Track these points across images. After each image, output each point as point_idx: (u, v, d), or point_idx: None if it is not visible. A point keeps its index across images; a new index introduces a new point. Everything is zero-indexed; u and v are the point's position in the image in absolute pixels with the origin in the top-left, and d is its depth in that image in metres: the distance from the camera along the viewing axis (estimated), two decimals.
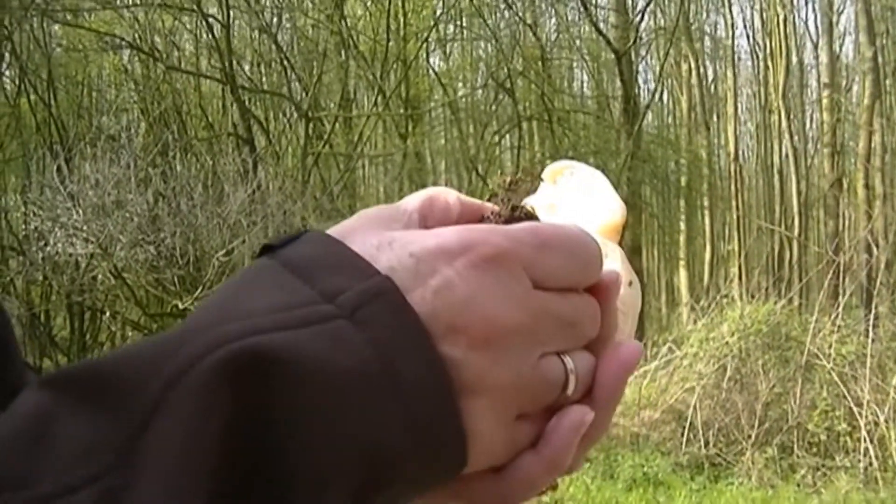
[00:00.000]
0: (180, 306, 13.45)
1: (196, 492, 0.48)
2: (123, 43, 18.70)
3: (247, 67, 20.50)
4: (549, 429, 0.65)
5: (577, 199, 0.82)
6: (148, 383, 0.49)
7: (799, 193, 24.47)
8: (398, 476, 0.58)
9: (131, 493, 0.47)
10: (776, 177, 28.05)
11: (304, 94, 19.28)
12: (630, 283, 0.77)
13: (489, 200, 0.77)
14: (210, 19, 17.99)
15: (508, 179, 0.79)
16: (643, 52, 25.73)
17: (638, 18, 22.48)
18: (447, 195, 0.72)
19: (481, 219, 0.74)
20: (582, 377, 0.67)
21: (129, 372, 0.50)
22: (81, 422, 0.49)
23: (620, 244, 0.81)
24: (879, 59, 22.02)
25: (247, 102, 18.85)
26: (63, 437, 0.48)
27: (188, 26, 20.04)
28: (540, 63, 22.80)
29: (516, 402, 0.63)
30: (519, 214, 0.74)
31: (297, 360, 0.52)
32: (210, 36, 18.26)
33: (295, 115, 19.49)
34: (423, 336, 0.58)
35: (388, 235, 0.63)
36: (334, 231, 0.65)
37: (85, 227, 12.82)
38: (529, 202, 0.80)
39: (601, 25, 22.13)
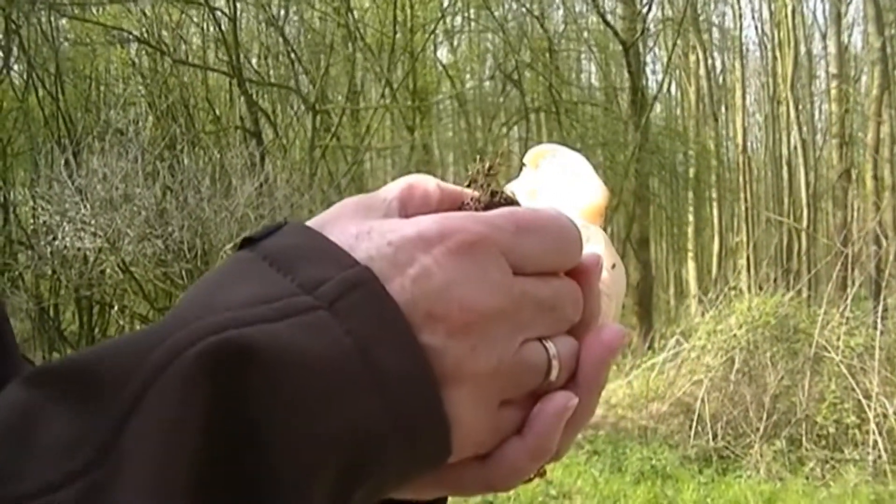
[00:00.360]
0: None
1: (176, 486, 0.48)
2: (131, 37, 18.71)
3: (254, 60, 20.49)
4: (534, 415, 0.66)
5: (559, 183, 0.82)
6: (129, 378, 0.50)
7: (807, 185, 24.38)
8: (381, 467, 0.58)
9: (113, 488, 0.47)
10: (784, 168, 27.94)
11: (311, 87, 19.27)
12: (613, 266, 0.78)
13: (468, 186, 0.77)
14: (217, 12, 17.99)
15: (487, 164, 0.78)
16: (651, 44, 25.69)
17: (645, 9, 22.42)
18: (426, 183, 0.72)
19: (461, 205, 0.74)
20: (565, 362, 0.67)
21: (110, 366, 0.51)
22: (63, 417, 0.49)
23: (605, 228, 0.81)
24: (888, 50, 21.93)
25: (254, 95, 18.85)
26: (45, 434, 0.48)
27: (195, 20, 20.02)
28: (547, 55, 22.77)
29: (499, 388, 0.63)
30: (499, 200, 0.74)
31: (276, 352, 0.53)
32: (217, 29, 18.27)
33: (302, 107, 19.47)
34: (402, 325, 0.58)
35: (367, 224, 0.64)
36: (314, 222, 0.65)
37: (93, 221, 12.83)
38: (511, 187, 0.81)
39: (608, 17, 22.11)
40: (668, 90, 28.50)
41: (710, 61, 26.86)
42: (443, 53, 25.22)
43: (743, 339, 11.69)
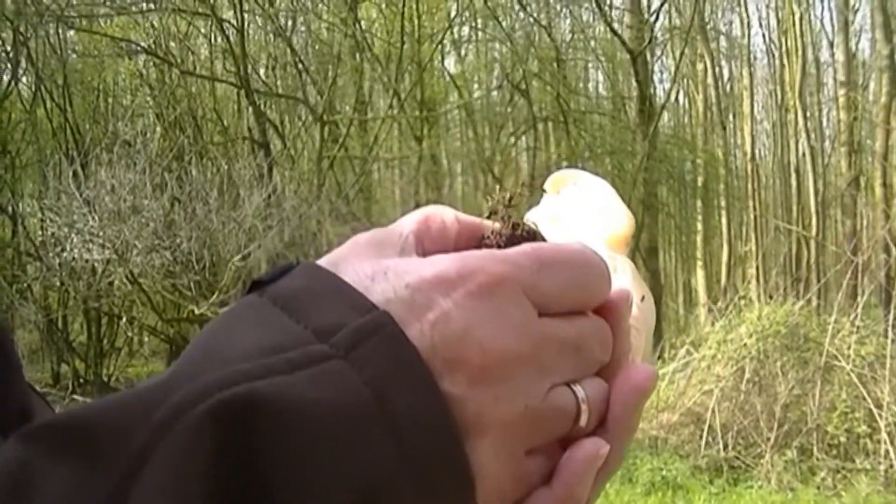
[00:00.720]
0: (196, 311, 13.48)
1: None
2: (138, 48, 18.75)
3: (261, 71, 20.50)
4: (562, 464, 0.62)
5: (582, 210, 0.78)
6: (133, 434, 0.47)
7: (816, 192, 24.38)
8: None
9: None
10: (793, 176, 27.91)
11: (319, 98, 19.27)
12: (643, 299, 0.74)
13: (488, 218, 0.72)
14: (224, 24, 18.00)
15: (508, 195, 0.76)
16: (658, 52, 25.68)
17: (653, 18, 22.43)
18: (443, 215, 0.69)
19: (481, 239, 0.70)
20: (595, 406, 0.63)
21: (113, 423, 0.48)
22: (64, 475, 0.46)
23: (631, 256, 0.78)
24: (895, 57, 21.92)
25: (262, 106, 18.86)
26: (44, 493, 0.46)
27: (203, 31, 20.07)
28: (555, 64, 22.76)
29: (524, 437, 0.60)
30: (521, 233, 0.70)
31: (289, 407, 0.50)
32: (225, 40, 18.26)
33: (310, 118, 19.47)
34: (423, 374, 0.55)
35: (383, 264, 0.61)
36: (326, 261, 0.62)
37: (101, 233, 12.86)
38: (532, 215, 0.78)
39: (616, 26, 22.09)
40: (676, 99, 28.51)
41: (717, 69, 26.89)
42: (450, 63, 25.26)
43: (753, 349, 11.64)
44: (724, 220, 26.46)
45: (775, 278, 16.63)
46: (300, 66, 19.67)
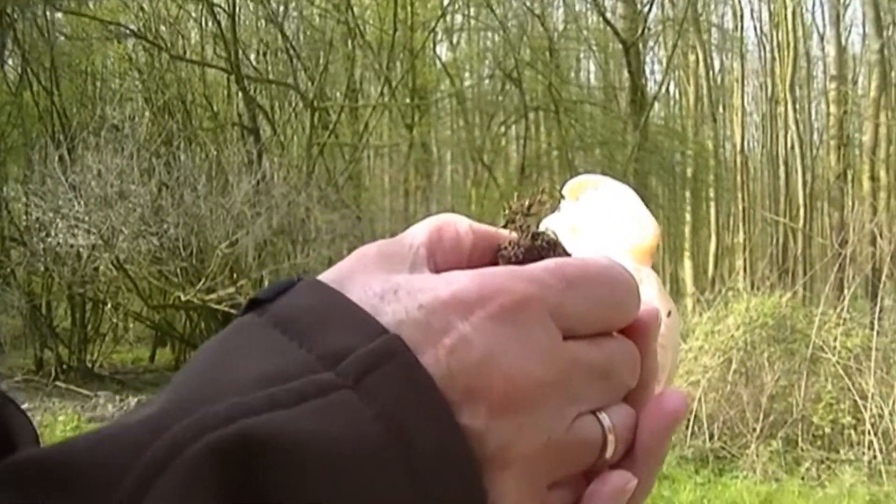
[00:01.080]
0: (183, 298, 13.47)
1: None
2: (128, 32, 18.64)
3: (252, 57, 20.41)
4: (587, 498, 0.58)
5: (604, 218, 0.73)
6: (127, 473, 0.43)
7: (804, 185, 24.40)
8: None
9: None
10: (781, 168, 27.97)
11: (310, 84, 19.21)
12: (669, 314, 0.68)
13: (505, 227, 0.68)
14: (216, 8, 17.93)
15: (527, 202, 0.70)
16: (651, 43, 25.66)
17: (646, 9, 22.40)
18: (457, 224, 0.64)
19: (497, 250, 0.66)
20: (622, 435, 0.59)
21: (103, 460, 0.44)
22: None
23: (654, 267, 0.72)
24: (886, 52, 21.97)
25: (252, 92, 18.78)
26: None
27: (193, 15, 19.97)
28: (547, 53, 22.74)
29: (548, 470, 0.56)
30: (540, 244, 0.66)
31: (293, 444, 0.45)
32: (215, 25, 18.20)
33: (300, 104, 19.42)
34: (439, 405, 0.51)
35: (393, 281, 0.56)
36: (330, 276, 0.57)
37: (87, 218, 12.81)
38: (549, 223, 0.72)
39: (609, 16, 22.08)
40: (667, 90, 28.50)
41: (709, 61, 26.85)
42: (442, 51, 25.20)
43: (740, 340, 11.67)
44: (712, 212, 26.45)
45: (763, 270, 16.64)
46: (291, 52, 19.60)
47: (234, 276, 13.99)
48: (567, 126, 22.96)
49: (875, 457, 9.95)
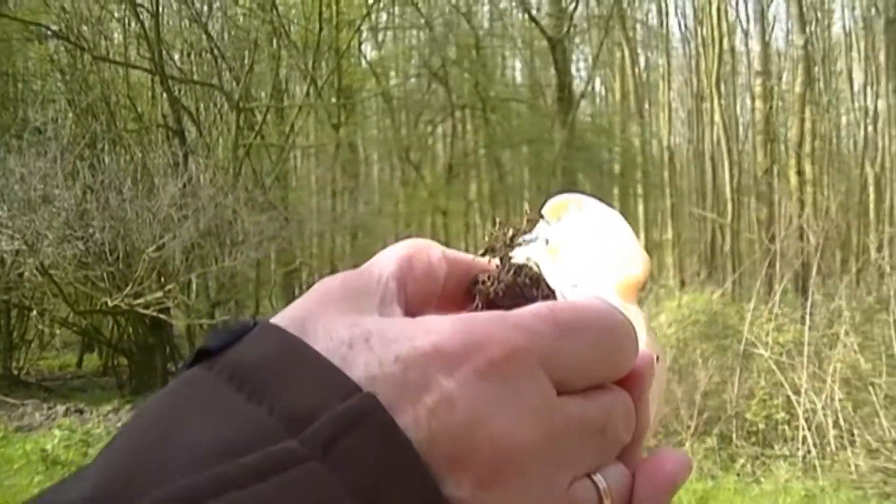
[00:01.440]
0: (110, 303, 13.25)
1: None
2: (49, 32, 18.32)
3: (177, 57, 20.18)
4: None
5: (588, 246, 0.66)
6: None
7: (731, 180, 24.61)
8: None
9: None
10: (708, 164, 28.22)
11: (235, 85, 19.03)
12: (657, 359, 0.61)
13: (483, 255, 0.63)
14: (139, 8, 17.68)
15: (510, 232, 0.64)
16: (577, 41, 25.74)
17: (572, 6, 22.45)
18: (429, 252, 0.58)
19: (474, 282, 0.60)
20: (618, 499, 0.52)
21: None
22: None
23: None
24: (810, 47, 22.25)
25: (177, 93, 18.54)
26: None
27: (116, 15, 19.68)
28: (474, 51, 22.73)
29: None
30: (523, 280, 0.60)
31: None
32: (139, 25, 17.93)
33: (226, 105, 19.21)
34: (419, 475, 0.44)
35: (363, 326, 0.48)
36: (289, 318, 0.49)
37: (10, 223, 12.55)
38: (531, 251, 0.65)
39: (535, 13, 22.11)
40: (593, 86, 28.62)
41: (635, 58, 27.00)
42: (368, 50, 25.12)
43: (673, 338, 11.74)
44: (640, 208, 26.61)
45: (693, 266, 16.76)
46: (216, 52, 19.40)
47: (162, 280, 13.81)
48: (494, 124, 23.00)
49: (809, 452, 10.05)
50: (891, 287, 12.56)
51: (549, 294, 0.61)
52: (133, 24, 18.76)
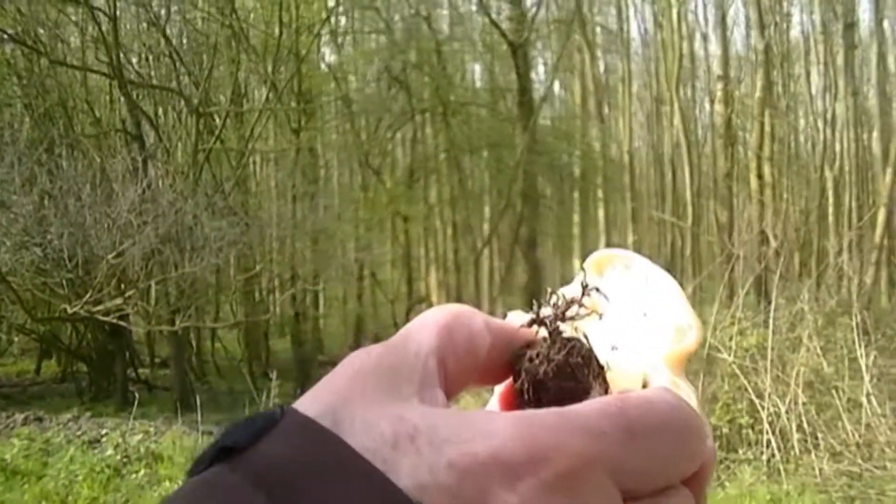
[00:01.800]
0: (69, 310, 13.10)
1: None
2: (5, 36, 18.10)
3: (135, 61, 20.00)
4: None
5: (634, 307, 0.60)
6: None
7: (692, 183, 24.70)
8: None
9: None
10: (668, 167, 28.32)
11: (194, 89, 18.87)
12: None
13: (531, 325, 0.55)
14: (96, 11, 17.48)
15: (563, 304, 0.57)
16: (539, 45, 25.77)
17: (532, 11, 22.48)
18: (470, 322, 0.51)
19: (519, 355, 0.53)
20: None
21: None
22: None
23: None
24: (769, 52, 22.38)
25: (135, 97, 18.36)
26: None
27: (73, 18, 19.48)
28: (434, 56, 22.69)
29: None
30: (575, 360, 0.53)
31: None
32: (97, 29, 17.74)
33: (185, 110, 19.06)
34: None
35: (408, 420, 0.43)
36: (319, 405, 0.44)
37: None
38: (583, 324, 0.57)
39: (496, 17, 22.10)
40: (556, 91, 28.66)
41: (595, 61, 27.04)
42: (328, 54, 25.03)
43: None
44: (601, 212, 26.65)
45: None
46: (175, 56, 19.23)
47: (122, 286, 13.68)
48: (455, 128, 22.97)
49: (773, 455, 10.07)
50: (852, 290, 12.63)
51: (600, 372, 0.55)
52: (91, 27, 18.56)
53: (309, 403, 0.44)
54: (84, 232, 12.98)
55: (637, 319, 0.59)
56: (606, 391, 0.54)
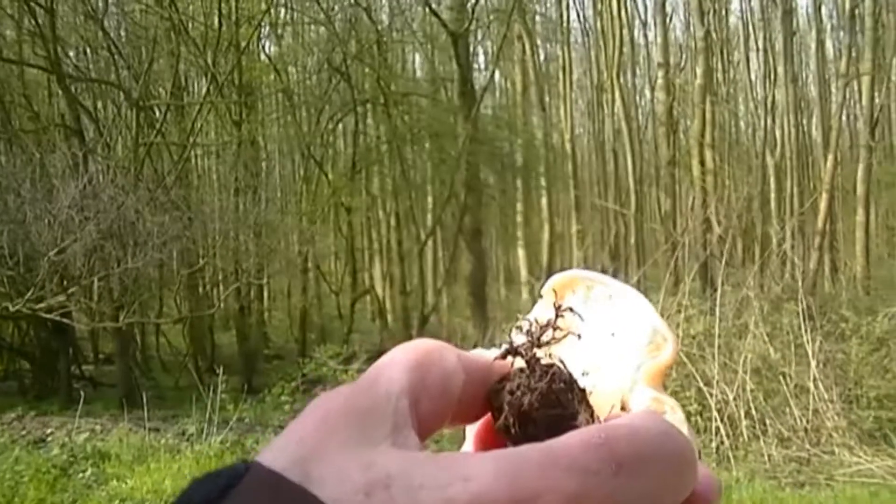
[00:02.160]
0: (11, 308, 12.93)
1: None
2: None
3: (73, 55, 19.78)
4: None
5: (603, 328, 0.58)
6: None
7: (634, 171, 24.83)
8: None
9: None
10: (610, 155, 28.46)
11: (134, 82, 18.68)
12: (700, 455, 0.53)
13: (504, 357, 0.53)
14: (32, 4, 17.25)
15: (538, 329, 0.55)
16: (479, 34, 25.76)
17: (472, 0, 22.45)
18: (442, 358, 0.49)
19: (497, 389, 0.51)
20: None
21: None
22: None
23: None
24: (709, 39, 22.54)
25: (74, 91, 18.14)
26: None
27: (9, 11, 19.21)
28: (375, 46, 22.61)
29: None
30: (558, 386, 0.51)
31: None
32: (33, 22, 17.51)
33: (125, 104, 18.86)
34: None
35: (381, 467, 0.41)
36: (287, 455, 0.42)
37: None
38: (558, 349, 0.56)
39: (436, 7, 22.04)
40: (497, 80, 28.69)
41: (535, 50, 27.09)
42: (269, 46, 24.89)
43: None
44: (544, 201, 26.71)
45: (599, 258, 16.84)
46: (114, 49, 19.03)
47: (64, 283, 13.54)
48: (397, 119, 22.92)
49: (722, 443, 10.13)
50: (797, 276, 12.74)
51: (583, 396, 0.53)
52: (27, 20, 18.31)
53: (275, 455, 0.42)
54: (24, 229, 12.82)
55: (606, 340, 0.58)
56: (592, 415, 0.52)
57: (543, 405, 0.51)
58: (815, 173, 25.56)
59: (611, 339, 0.58)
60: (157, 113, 19.33)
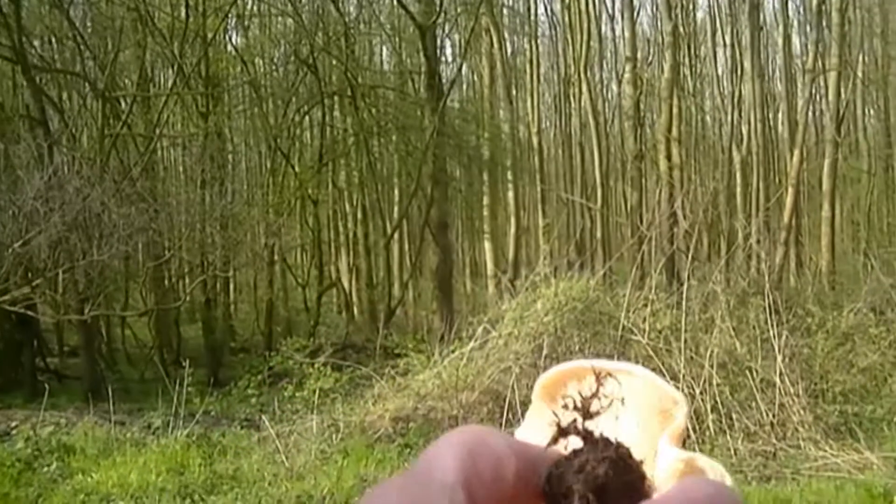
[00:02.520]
0: None
1: None
2: None
3: (38, 44, 19.61)
4: None
5: (618, 407, 0.56)
6: None
7: (601, 165, 24.87)
8: None
9: None
10: (576, 149, 28.48)
11: (100, 73, 18.56)
12: None
13: (555, 440, 0.52)
14: None
15: (584, 404, 0.54)
16: (447, 27, 25.73)
17: None
18: (494, 447, 0.47)
19: (560, 477, 0.49)
20: None
21: None
22: None
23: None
24: (676, 34, 22.61)
25: (39, 82, 18.00)
26: None
27: None
28: (343, 38, 22.55)
29: None
30: (624, 450, 0.50)
31: None
32: None
33: (91, 95, 18.74)
34: None
35: None
36: None
37: None
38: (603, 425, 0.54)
39: (404, 0, 21.99)
40: (464, 73, 28.67)
41: (503, 43, 27.08)
42: (235, 38, 24.78)
43: (550, 325, 11.75)
44: (510, 194, 26.72)
45: (566, 252, 16.85)
46: (79, 39, 18.90)
47: (29, 275, 13.46)
48: (364, 111, 22.88)
49: (689, 437, 10.11)
50: (763, 271, 12.79)
51: (643, 473, 0.52)
52: None
53: None
54: None
55: (610, 423, 0.55)
56: (645, 479, 0.52)
57: (618, 472, 0.50)
58: (782, 168, 25.71)
59: (614, 423, 0.56)
60: (123, 104, 19.23)
